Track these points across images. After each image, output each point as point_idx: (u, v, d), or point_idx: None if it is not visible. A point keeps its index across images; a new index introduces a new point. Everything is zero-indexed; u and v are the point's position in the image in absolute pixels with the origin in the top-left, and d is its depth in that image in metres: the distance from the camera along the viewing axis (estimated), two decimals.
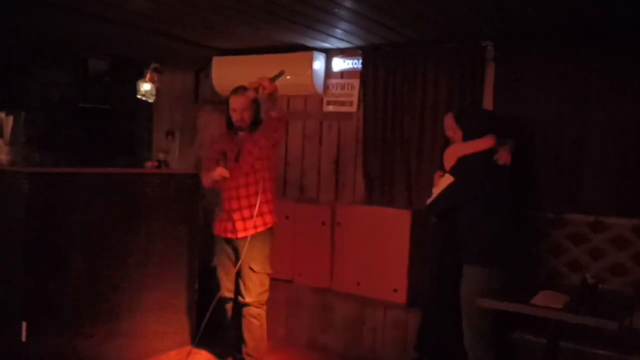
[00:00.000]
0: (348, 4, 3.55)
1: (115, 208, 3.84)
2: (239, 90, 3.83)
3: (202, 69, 5.77)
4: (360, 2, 3.51)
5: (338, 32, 4.34)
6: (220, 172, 3.72)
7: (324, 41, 4.68)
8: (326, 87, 5.07)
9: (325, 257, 4.68)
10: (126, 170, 3.99)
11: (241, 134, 3.82)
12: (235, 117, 3.76)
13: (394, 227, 4.37)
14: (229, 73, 5.29)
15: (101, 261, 3.78)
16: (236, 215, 3.75)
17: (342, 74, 5.03)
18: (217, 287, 3.88)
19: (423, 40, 4.44)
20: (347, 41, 4.65)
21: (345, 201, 4.95)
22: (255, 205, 3.73)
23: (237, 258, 3.79)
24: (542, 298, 2.95)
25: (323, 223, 4.71)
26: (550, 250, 4.05)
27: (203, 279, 4.33)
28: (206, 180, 3.89)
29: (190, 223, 4.35)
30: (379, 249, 4.41)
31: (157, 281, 4.17)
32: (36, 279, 3.44)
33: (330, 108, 5.09)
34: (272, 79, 3.65)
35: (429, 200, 3.64)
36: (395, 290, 4.34)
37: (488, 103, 4.31)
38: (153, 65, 5.55)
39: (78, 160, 5.20)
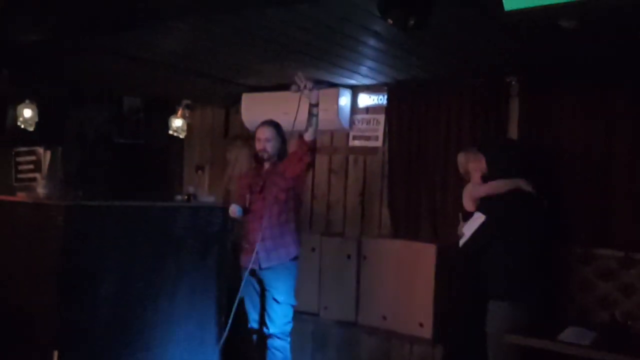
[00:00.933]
0: (373, 43, 3.66)
1: (147, 241, 3.94)
2: (266, 122, 3.93)
3: (232, 105, 5.92)
4: (385, 42, 3.61)
5: (363, 69, 4.44)
6: (230, 209, 3.82)
7: (349, 78, 4.78)
8: (352, 122, 5.15)
9: (351, 291, 4.69)
10: (157, 204, 4.09)
11: (267, 166, 3.90)
12: (258, 146, 3.86)
13: (419, 260, 4.36)
14: (257, 109, 5.41)
15: (132, 293, 3.86)
16: (259, 247, 3.81)
17: (368, 109, 5.11)
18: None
19: (447, 76, 4.51)
20: (372, 78, 4.74)
21: (371, 235, 4.97)
22: (278, 237, 3.79)
23: (262, 289, 3.83)
24: (569, 335, 2.92)
25: (349, 256, 4.73)
26: (578, 286, 3.99)
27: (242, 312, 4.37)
28: (231, 213, 3.98)
29: (219, 256, 4.42)
30: (405, 283, 4.41)
31: (186, 314, 4.22)
32: (69, 309, 3.53)
33: (357, 143, 5.17)
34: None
35: (462, 242, 3.61)
36: (421, 325, 4.31)
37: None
38: (185, 102, 5.75)
39: (112, 194, 5.34)
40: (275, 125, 3.95)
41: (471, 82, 4.47)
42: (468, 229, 3.56)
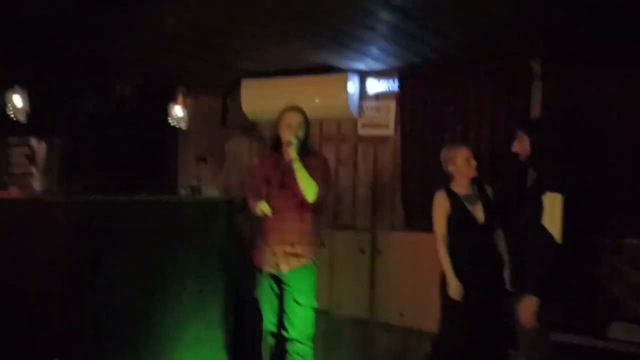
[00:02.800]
0: (387, 17, 3.42)
1: (151, 238, 3.68)
2: (294, 107, 3.69)
3: (229, 93, 5.66)
4: (401, 15, 3.38)
5: (376, 51, 4.22)
6: (261, 207, 3.56)
7: (359, 62, 4.56)
8: (361, 109, 4.93)
9: (365, 286, 4.51)
10: (161, 199, 3.84)
11: (287, 157, 3.64)
12: (288, 134, 3.56)
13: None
14: (259, 96, 5.17)
15: (137, 294, 3.61)
16: (278, 248, 3.58)
17: (378, 96, 4.90)
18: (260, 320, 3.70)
19: (464, 58, 4.32)
20: (383, 62, 4.52)
21: (383, 227, 4.78)
22: (299, 238, 3.57)
23: (281, 290, 3.61)
24: (619, 331, 2.76)
25: (362, 250, 4.54)
26: (608, 276, 3.85)
27: (242, 312, 4.15)
28: (251, 208, 3.73)
29: (226, 252, 4.18)
30: (423, 277, 4.22)
31: (193, 314, 3.98)
32: (71, 312, 3.27)
33: (365, 131, 4.95)
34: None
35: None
36: None
37: None
38: (180, 89, 5.46)
39: (104, 188, 5.05)
40: (303, 111, 3.70)
41: (491, 65, 4.28)
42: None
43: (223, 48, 4.31)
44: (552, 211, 3.21)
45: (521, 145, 3.51)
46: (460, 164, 3.75)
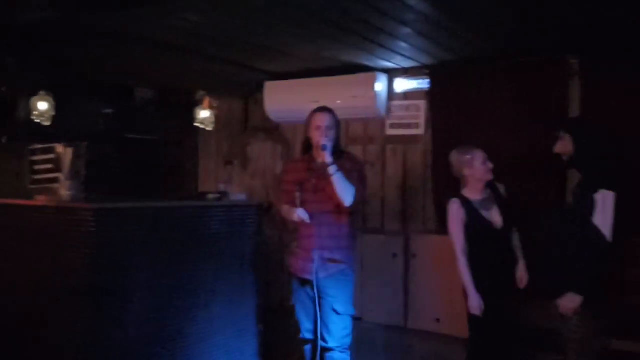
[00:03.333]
0: (428, 12, 3.29)
1: (181, 245, 3.58)
2: (323, 108, 3.57)
3: (251, 95, 5.54)
4: (440, 10, 3.26)
5: (407, 48, 4.08)
6: (299, 215, 3.42)
7: (388, 60, 4.43)
8: (389, 109, 4.81)
9: (398, 292, 4.37)
10: (191, 204, 3.73)
11: (319, 160, 3.51)
12: (318, 135, 3.44)
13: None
14: (282, 98, 5.05)
15: (167, 304, 3.50)
16: (315, 255, 3.45)
17: (406, 94, 4.77)
18: (296, 328, 3.57)
19: (499, 54, 4.19)
20: (414, 59, 4.39)
21: (413, 230, 4.64)
22: (336, 244, 3.45)
23: (318, 298, 3.48)
24: None
25: (394, 255, 4.40)
26: None
27: (277, 320, 4.03)
28: (286, 215, 3.60)
29: (256, 258, 4.06)
30: (460, 282, 4.08)
31: (223, 323, 3.86)
32: (100, 323, 3.16)
33: (394, 131, 4.82)
34: None
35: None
36: None
37: None
38: (201, 93, 5.36)
39: (124, 194, 4.94)
40: (332, 111, 3.58)
41: (526, 61, 4.15)
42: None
43: (249, 49, 4.19)
44: (605, 209, 3.10)
45: (564, 146, 3.37)
46: (478, 167, 3.55)
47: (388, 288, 4.41)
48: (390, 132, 4.84)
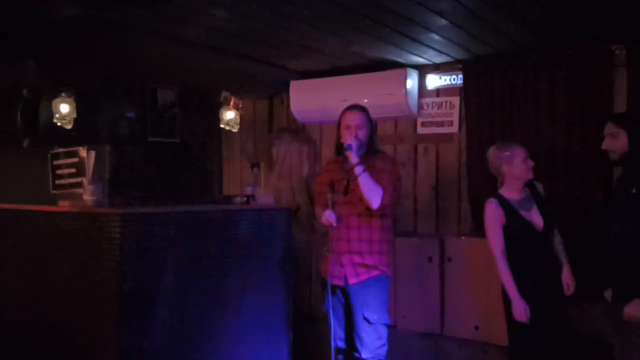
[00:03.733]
0: (465, 1, 3.13)
1: (209, 250, 3.44)
2: (354, 106, 3.41)
3: (276, 95, 5.40)
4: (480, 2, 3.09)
5: (440, 42, 3.92)
6: (327, 217, 3.27)
7: (419, 55, 4.26)
8: (420, 107, 4.63)
9: (434, 298, 4.18)
10: (218, 208, 3.59)
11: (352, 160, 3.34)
12: (348, 135, 3.28)
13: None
14: (308, 97, 4.90)
15: (196, 311, 3.36)
16: (345, 259, 3.29)
17: (438, 91, 4.60)
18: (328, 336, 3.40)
19: (536, 46, 3.99)
20: (447, 53, 4.22)
21: (448, 232, 4.46)
22: (368, 248, 3.28)
23: (349, 305, 3.32)
24: None
25: (429, 259, 4.22)
26: None
27: (307, 327, 3.87)
28: (318, 218, 3.46)
29: (286, 263, 3.91)
30: (500, 286, 3.88)
31: (252, 332, 3.72)
32: (129, 331, 3.03)
33: (426, 130, 4.65)
34: None
35: None
36: None
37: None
38: (224, 94, 5.23)
39: (149, 198, 4.83)
40: (364, 109, 3.42)
41: (566, 52, 3.95)
42: None
43: (277, 46, 4.05)
44: None
45: (615, 142, 3.14)
46: (518, 165, 3.32)
47: (423, 293, 4.22)
48: (422, 130, 4.66)
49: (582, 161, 3.91)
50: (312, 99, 4.87)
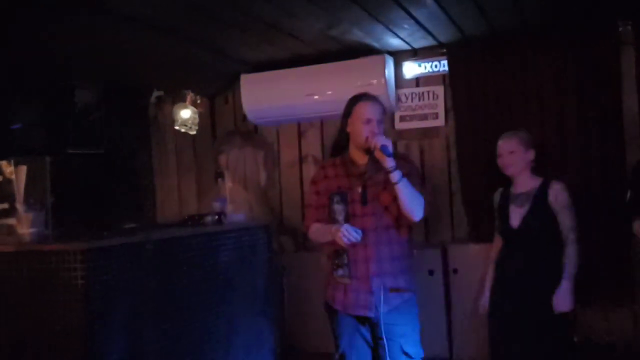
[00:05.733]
0: None
1: (187, 284, 2.71)
2: (367, 96, 2.82)
3: (219, 93, 4.67)
4: None
5: (420, 21, 3.44)
6: (347, 234, 2.62)
7: (395, 37, 3.74)
8: (397, 99, 4.14)
9: (439, 318, 3.68)
10: (196, 232, 2.86)
11: (362, 160, 2.75)
12: (364, 132, 2.69)
13: None
14: (264, 93, 4.22)
15: (177, 351, 2.61)
16: (375, 283, 2.68)
17: (418, 80, 4.13)
18: None
19: (532, 25, 3.63)
20: (428, 34, 3.74)
21: (440, 238, 4.00)
22: (400, 266, 2.71)
23: (377, 340, 2.72)
24: None
25: (430, 272, 3.72)
26: None
27: None
28: (318, 237, 2.81)
29: (270, 290, 3.25)
30: None
31: None
32: None
33: (406, 125, 4.16)
34: None
35: None
36: None
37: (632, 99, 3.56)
38: (156, 93, 4.44)
39: (73, 222, 3.92)
40: (380, 100, 2.84)
41: (567, 31, 3.63)
42: None
43: (235, 22, 3.35)
44: None
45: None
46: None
47: (425, 314, 3.69)
48: (401, 125, 4.17)
49: (595, 154, 3.60)
50: (269, 95, 4.21)
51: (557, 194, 3.04)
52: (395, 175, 2.59)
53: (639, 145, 3.58)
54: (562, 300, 2.95)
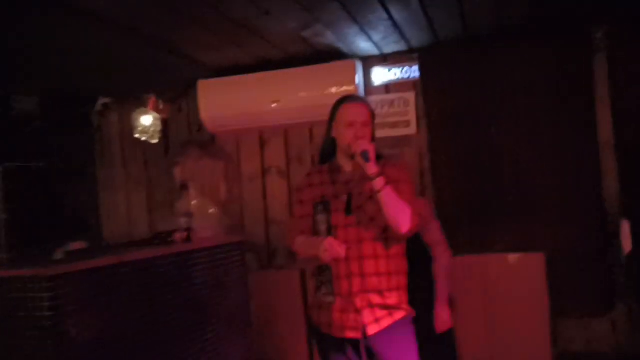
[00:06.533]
0: None
1: (160, 304, 2.41)
2: (353, 97, 2.63)
3: (172, 101, 4.35)
4: None
5: (390, 26, 3.33)
6: (329, 248, 2.40)
7: (365, 41, 3.60)
8: None
9: None
10: (173, 251, 2.56)
11: (349, 167, 2.55)
12: (350, 135, 2.48)
13: (521, 278, 3.37)
14: (225, 100, 3.97)
15: None
16: (361, 301, 2.44)
17: (388, 87, 3.99)
18: None
19: (505, 30, 3.58)
20: (406, 39, 3.63)
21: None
22: (388, 281, 2.49)
23: None
24: None
25: None
26: None
27: None
28: (303, 251, 2.57)
29: (248, 310, 2.98)
30: (508, 312, 3.38)
31: None
32: None
33: (376, 133, 3.98)
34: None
35: None
36: None
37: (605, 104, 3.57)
38: (102, 100, 4.08)
39: (9, 246, 3.50)
40: (367, 102, 2.64)
41: (540, 35, 3.61)
42: None
43: (180, 27, 3.10)
44: None
45: None
46: None
47: None
48: None
49: (569, 157, 3.57)
50: (230, 102, 3.95)
51: None
52: (377, 183, 2.39)
53: (612, 149, 3.59)
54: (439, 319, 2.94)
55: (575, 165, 3.58)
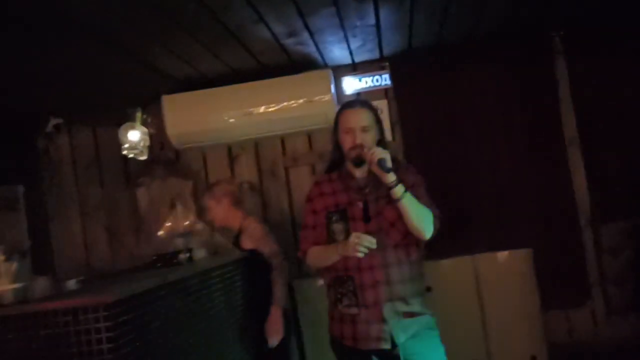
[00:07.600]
0: None
1: (193, 326, 2.23)
2: (355, 102, 2.60)
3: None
4: None
5: (360, 35, 3.38)
6: (358, 239, 2.34)
7: (336, 48, 3.59)
8: None
9: None
10: (198, 270, 2.40)
11: (360, 174, 2.51)
12: (350, 141, 2.44)
13: (511, 274, 3.47)
14: (193, 115, 3.77)
15: None
16: (387, 310, 2.41)
17: (359, 96, 3.99)
18: None
19: (471, 38, 3.71)
20: (381, 47, 3.67)
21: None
22: (412, 288, 2.47)
23: None
24: None
25: None
26: None
27: None
28: (320, 260, 2.50)
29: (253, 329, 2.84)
30: (498, 310, 3.45)
31: None
32: None
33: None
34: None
35: None
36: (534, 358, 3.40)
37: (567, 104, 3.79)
38: (53, 121, 3.78)
39: None
40: (370, 105, 2.59)
41: (509, 42, 3.77)
42: None
43: (127, 42, 2.94)
44: None
45: None
46: None
47: None
48: None
49: (542, 154, 3.76)
50: (199, 117, 3.78)
51: None
52: (397, 191, 2.37)
53: (578, 147, 3.81)
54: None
55: (546, 164, 3.77)
